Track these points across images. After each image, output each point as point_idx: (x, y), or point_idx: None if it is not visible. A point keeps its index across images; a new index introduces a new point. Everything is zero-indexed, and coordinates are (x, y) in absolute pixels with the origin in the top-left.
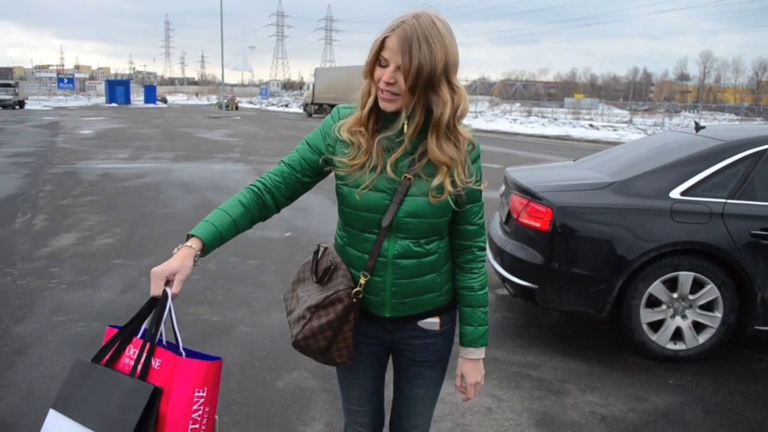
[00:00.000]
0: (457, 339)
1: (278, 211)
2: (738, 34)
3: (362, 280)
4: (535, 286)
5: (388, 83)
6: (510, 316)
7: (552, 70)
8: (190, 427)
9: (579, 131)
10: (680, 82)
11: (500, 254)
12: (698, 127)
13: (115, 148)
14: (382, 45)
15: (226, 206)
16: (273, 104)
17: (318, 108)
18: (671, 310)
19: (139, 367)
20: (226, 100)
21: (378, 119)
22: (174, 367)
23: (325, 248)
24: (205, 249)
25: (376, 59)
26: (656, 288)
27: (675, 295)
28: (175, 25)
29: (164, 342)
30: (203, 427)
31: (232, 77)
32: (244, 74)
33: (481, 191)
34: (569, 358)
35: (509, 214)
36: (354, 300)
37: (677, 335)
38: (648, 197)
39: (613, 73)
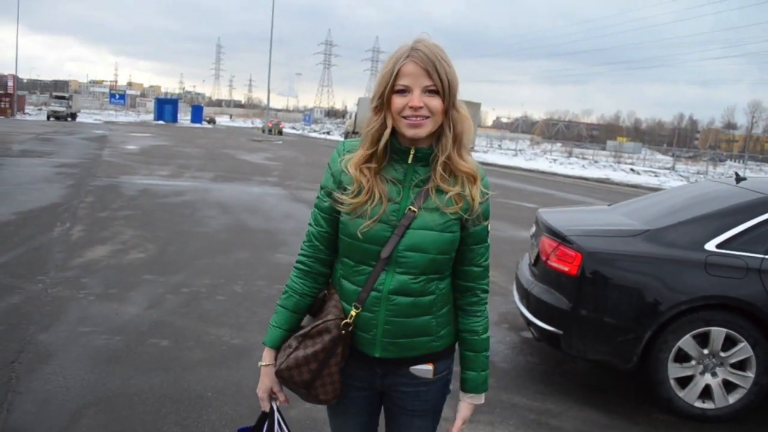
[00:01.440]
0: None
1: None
2: None
3: (353, 312)
4: (561, 332)
5: (416, 108)
6: (533, 360)
7: (596, 112)
8: None
9: (619, 175)
10: (727, 130)
11: (526, 296)
12: (738, 179)
13: (158, 164)
14: (397, 74)
15: (284, 302)
16: (315, 131)
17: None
18: (701, 366)
19: None
20: (271, 124)
21: (385, 153)
22: None
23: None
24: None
25: (393, 89)
26: (686, 342)
27: (706, 351)
28: (227, 48)
29: None
30: None
31: (277, 102)
32: (290, 100)
33: (488, 232)
34: (591, 408)
35: (538, 256)
36: (343, 332)
37: (706, 393)
38: (682, 248)
39: (658, 118)
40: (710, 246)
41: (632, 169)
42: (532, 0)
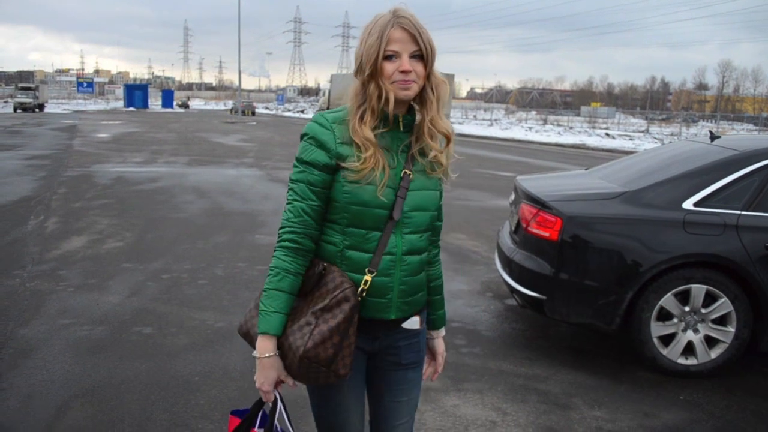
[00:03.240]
0: None
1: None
2: (758, 43)
3: (367, 277)
4: (544, 297)
5: (406, 71)
6: (518, 327)
7: (568, 79)
8: None
9: (594, 140)
10: (698, 91)
11: (509, 264)
12: (713, 137)
13: (131, 151)
14: (386, 41)
15: (278, 284)
16: (289, 110)
17: None
18: (683, 323)
19: None
20: (244, 104)
21: (381, 120)
22: None
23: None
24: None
25: (384, 56)
26: (668, 301)
27: (687, 309)
28: (194, 30)
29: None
30: None
31: (249, 83)
32: (261, 80)
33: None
34: (577, 371)
35: (518, 224)
36: (359, 299)
37: (689, 350)
38: (660, 208)
39: (630, 82)
40: (688, 205)
41: (607, 134)
42: None
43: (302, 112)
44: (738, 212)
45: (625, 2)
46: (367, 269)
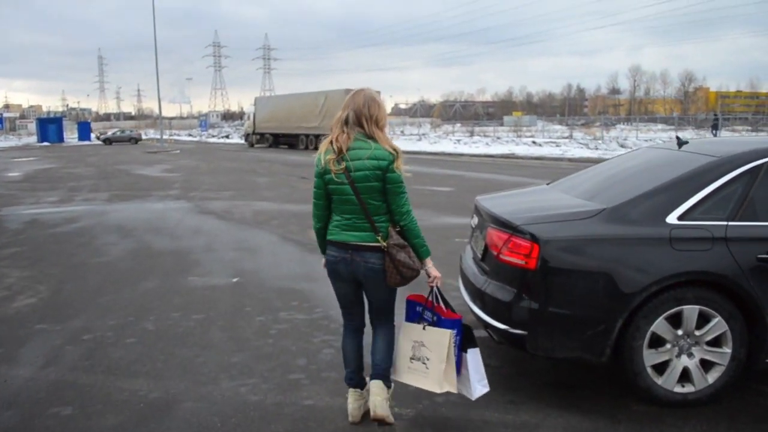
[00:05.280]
0: None
1: None
2: (663, 47)
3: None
4: (525, 332)
5: None
6: (492, 363)
7: (489, 90)
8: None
9: (522, 149)
10: (612, 96)
11: (480, 296)
12: (681, 143)
13: (45, 190)
14: None
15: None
16: (213, 136)
17: (260, 138)
18: (676, 348)
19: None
20: (114, 132)
21: None
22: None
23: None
24: None
25: None
26: (660, 326)
27: (680, 332)
28: (109, 59)
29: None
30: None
31: (170, 110)
32: (182, 106)
33: None
34: (568, 413)
35: (486, 250)
36: None
37: (684, 376)
38: (643, 224)
39: (548, 91)
40: (672, 219)
41: (534, 142)
42: None
43: (227, 137)
44: (725, 223)
45: (538, 14)
46: None
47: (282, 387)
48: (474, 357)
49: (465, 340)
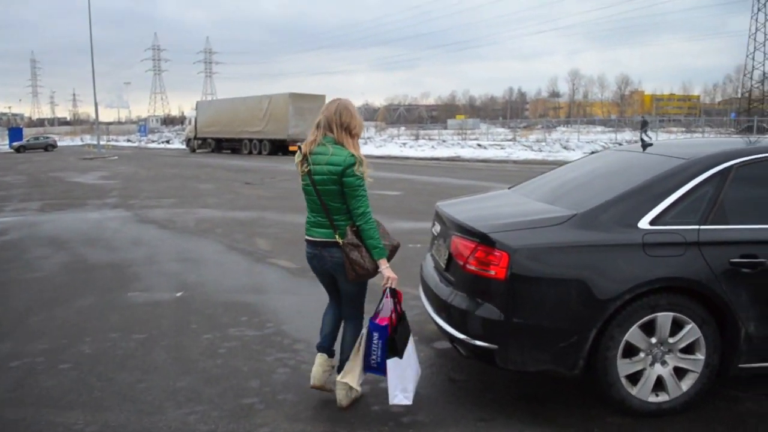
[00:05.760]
0: None
1: None
2: (600, 52)
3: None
4: (495, 346)
5: None
6: (457, 377)
7: (433, 94)
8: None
9: (468, 151)
10: (552, 99)
11: (446, 309)
12: (645, 144)
13: None
14: None
15: (377, 234)
16: (153, 141)
17: (202, 143)
18: (650, 357)
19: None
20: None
21: None
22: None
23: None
24: None
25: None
26: (633, 334)
27: (653, 340)
28: (43, 62)
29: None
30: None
31: (107, 115)
32: (121, 111)
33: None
34: (541, 428)
35: (450, 260)
36: None
37: (657, 385)
38: (616, 230)
39: (490, 94)
40: (643, 224)
41: (479, 145)
42: None
43: (168, 142)
44: (697, 227)
45: (480, 19)
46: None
47: (234, 413)
48: (395, 367)
49: (388, 349)
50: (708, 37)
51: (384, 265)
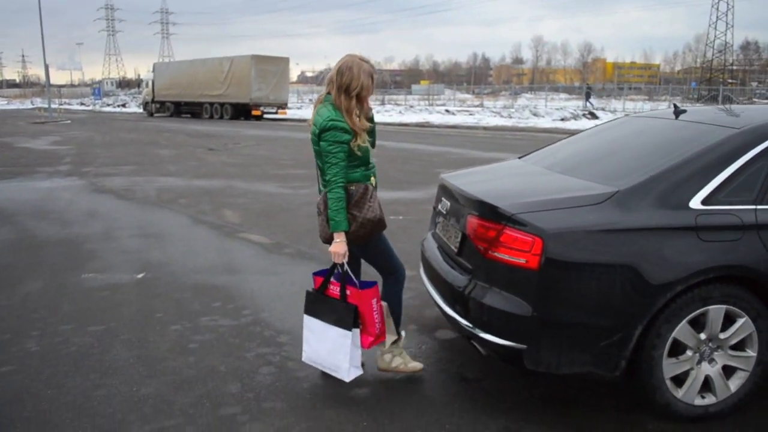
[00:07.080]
0: None
1: None
2: (561, 20)
3: (373, 180)
4: (523, 346)
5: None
6: (470, 376)
7: (397, 59)
8: (374, 314)
9: (436, 117)
10: (516, 65)
11: (462, 302)
12: (678, 111)
13: None
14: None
15: (342, 204)
16: (108, 104)
17: (160, 106)
18: (697, 355)
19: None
20: None
21: None
22: (358, 294)
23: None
24: None
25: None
26: (682, 331)
27: (703, 337)
28: None
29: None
30: (378, 314)
31: (59, 77)
32: (74, 73)
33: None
34: None
35: (465, 242)
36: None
37: (704, 386)
38: (665, 211)
39: (454, 60)
40: (695, 204)
41: (447, 110)
42: None
43: (124, 105)
44: (754, 207)
45: None
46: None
47: (212, 429)
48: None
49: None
50: (669, 5)
51: (337, 238)
